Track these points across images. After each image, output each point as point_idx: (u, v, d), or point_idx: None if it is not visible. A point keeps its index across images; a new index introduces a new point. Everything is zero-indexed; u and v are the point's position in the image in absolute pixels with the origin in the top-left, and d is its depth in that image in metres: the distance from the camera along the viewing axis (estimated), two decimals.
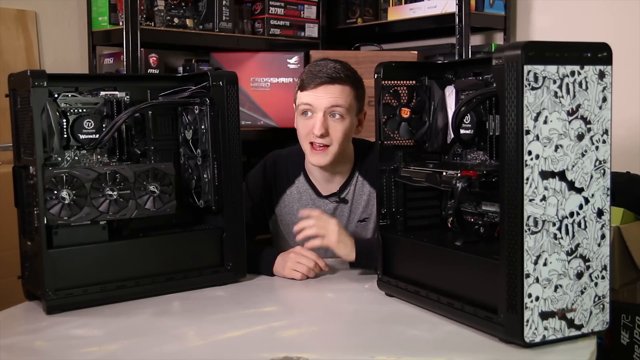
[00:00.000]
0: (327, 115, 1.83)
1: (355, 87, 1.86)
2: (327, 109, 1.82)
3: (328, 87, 1.82)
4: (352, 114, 1.86)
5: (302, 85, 1.85)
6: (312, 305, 1.64)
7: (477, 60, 1.65)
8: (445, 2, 2.78)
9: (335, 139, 1.83)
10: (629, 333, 2.13)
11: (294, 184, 1.99)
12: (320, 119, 1.81)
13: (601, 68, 1.27)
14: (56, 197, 1.50)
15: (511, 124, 1.21)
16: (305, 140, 1.86)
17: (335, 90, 1.82)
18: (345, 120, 1.84)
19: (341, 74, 1.83)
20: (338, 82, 1.82)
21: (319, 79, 1.82)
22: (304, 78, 1.85)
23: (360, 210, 1.95)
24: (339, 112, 1.83)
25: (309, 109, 1.84)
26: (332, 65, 1.84)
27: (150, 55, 2.71)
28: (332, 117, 1.83)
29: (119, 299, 1.59)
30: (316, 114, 1.83)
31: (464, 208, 1.50)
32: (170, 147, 1.77)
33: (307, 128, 1.84)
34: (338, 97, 1.82)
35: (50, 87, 1.52)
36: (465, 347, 1.29)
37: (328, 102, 1.82)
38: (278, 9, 2.98)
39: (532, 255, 1.22)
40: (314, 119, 1.83)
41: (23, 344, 1.37)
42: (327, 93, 1.82)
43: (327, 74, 1.82)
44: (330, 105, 1.82)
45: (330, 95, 1.82)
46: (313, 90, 1.82)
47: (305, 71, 1.88)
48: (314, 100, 1.82)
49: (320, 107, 1.82)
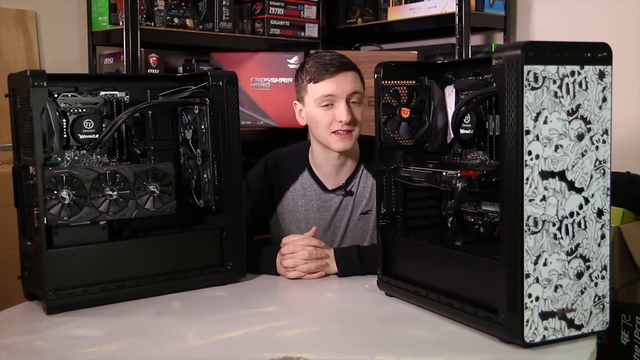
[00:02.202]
0: (349, 101, 1.86)
1: (359, 73, 1.92)
2: (349, 95, 1.85)
3: (345, 73, 1.86)
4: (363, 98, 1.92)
5: (315, 77, 1.86)
6: (312, 305, 1.64)
7: (477, 60, 1.65)
8: (445, 2, 2.78)
9: (358, 123, 1.88)
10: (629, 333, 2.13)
11: (297, 181, 1.99)
12: (345, 106, 1.84)
13: (601, 68, 1.27)
14: (56, 197, 1.50)
15: (511, 124, 1.21)
16: (327, 131, 1.87)
17: (350, 77, 1.87)
18: (362, 104, 1.90)
19: (348, 61, 1.89)
20: (350, 68, 1.88)
21: (333, 67, 1.85)
22: (314, 70, 1.86)
23: (364, 203, 1.96)
24: (358, 96, 1.88)
25: (331, 98, 1.85)
26: (337, 55, 1.90)
27: (150, 55, 2.71)
28: (352, 103, 1.87)
29: (119, 299, 1.59)
30: (338, 102, 1.85)
31: (464, 208, 1.49)
32: (170, 147, 1.77)
33: (329, 117, 1.86)
34: (355, 83, 1.87)
35: (50, 87, 1.52)
36: (465, 347, 1.29)
37: (350, 88, 1.86)
38: (278, 9, 2.98)
39: (532, 255, 1.22)
40: (335, 107, 1.85)
41: (23, 344, 1.37)
42: (345, 80, 1.85)
43: (338, 62, 1.86)
44: (352, 91, 1.86)
45: (348, 81, 1.86)
46: (331, 80, 1.85)
47: (310, 64, 1.89)
48: (335, 89, 1.85)
49: (343, 94, 1.85)
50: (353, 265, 1.78)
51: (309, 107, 1.89)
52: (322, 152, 1.93)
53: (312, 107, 1.88)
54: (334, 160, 1.93)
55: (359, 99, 1.88)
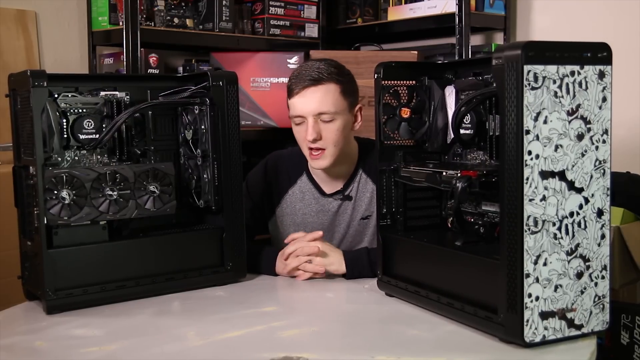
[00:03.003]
0: (317, 119, 1.81)
1: (342, 82, 1.83)
2: (315, 113, 1.80)
3: (312, 89, 1.80)
4: (344, 112, 1.83)
5: (289, 91, 1.85)
6: (312, 305, 1.64)
7: (477, 60, 1.65)
8: (445, 2, 2.78)
9: (330, 141, 1.81)
10: (629, 333, 2.13)
11: (296, 184, 1.98)
12: (311, 124, 1.79)
13: (601, 68, 1.27)
14: (56, 197, 1.50)
15: (511, 124, 1.21)
16: (304, 147, 1.86)
17: (320, 92, 1.79)
18: (337, 120, 1.81)
19: (324, 74, 1.80)
20: (322, 82, 1.80)
21: (302, 83, 1.80)
22: (290, 84, 1.85)
23: (363, 208, 1.95)
24: (327, 114, 1.80)
25: (298, 116, 1.83)
26: (316, 66, 1.82)
27: (150, 55, 2.71)
28: (322, 121, 1.81)
29: (119, 299, 1.59)
30: (306, 120, 1.81)
31: (464, 208, 1.50)
32: (170, 147, 1.77)
33: (301, 134, 1.84)
34: (323, 100, 1.79)
35: (50, 87, 1.52)
36: (465, 347, 1.29)
37: (314, 107, 1.79)
38: (278, 9, 2.98)
39: (532, 255, 1.22)
40: (305, 124, 1.82)
41: (23, 344, 1.37)
42: (313, 97, 1.79)
43: (310, 77, 1.80)
44: (317, 110, 1.80)
45: (315, 99, 1.79)
46: (299, 96, 1.81)
47: (292, 74, 1.87)
48: (302, 107, 1.81)
49: (308, 113, 1.80)
50: (362, 267, 1.75)
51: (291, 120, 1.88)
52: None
53: (292, 121, 1.88)
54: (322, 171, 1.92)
55: (330, 116, 1.79)
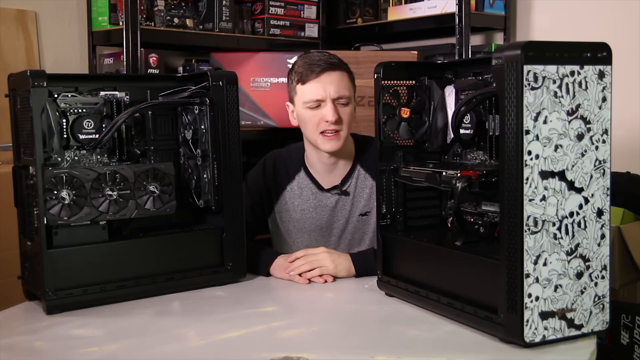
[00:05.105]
0: (335, 101, 1.85)
1: (349, 72, 1.91)
2: (335, 96, 1.85)
3: (330, 73, 1.85)
4: (353, 99, 1.91)
5: (302, 78, 1.86)
6: (312, 305, 1.64)
7: (477, 60, 1.65)
8: (445, 2, 2.78)
9: (345, 123, 1.88)
10: (629, 333, 2.13)
11: (294, 180, 2.00)
12: (331, 106, 1.84)
13: (601, 68, 1.27)
14: (56, 197, 1.50)
15: (511, 124, 1.21)
16: (315, 131, 1.87)
17: (336, 76, 1.86)
18: (350, 105, 1.89)
19: (336, 60, 1.88)
20: (337, 68, 1.87)
21: (319, 67, 1.85)
22: (302, 71, 1.87)
23: (362, 204, 1.95)
24: (344, 98, 1.86)
25: (316, 100, 1.85)
26: (326, 54, 1.90)
27: (150, 55, 2.71)
28: (339, 103, 1.86)
29: (119, 299, 1.59)
30: (325, 102, 1.85)
31: (464, 208, 1.50)
32: (170, 147, 1.77)
33: (317, 118, 1.86)
34: (340, 83, 1.86)
35: (50, 87, 1.52)
36: (465, 347, 1.29)
37: (335, 89, 1.85)
38: (278, 9, 2.98)
39: (532, 255, 1.22)
40: (323, 108, 1.85)
41: (23, 344, 1.37)
42: (332, 80, 1.85)
43: (326, 62, 1.86)
44: (337, 93, 1.85)
45: (335, 82, 1.85)
46: (316, 81, 1.84)
47: (299, 64, 1.89)
48: (321, 90, 1.84)
49: (328, 95, 1.84)
50: (369, 264, 1.76)
51: (299, 108, 1.90)
52: (314, 152, 1.94)
53: (301, 108, 1.89)
54: (326, 159, 1.94)
55: (346, 100, 1.87)
